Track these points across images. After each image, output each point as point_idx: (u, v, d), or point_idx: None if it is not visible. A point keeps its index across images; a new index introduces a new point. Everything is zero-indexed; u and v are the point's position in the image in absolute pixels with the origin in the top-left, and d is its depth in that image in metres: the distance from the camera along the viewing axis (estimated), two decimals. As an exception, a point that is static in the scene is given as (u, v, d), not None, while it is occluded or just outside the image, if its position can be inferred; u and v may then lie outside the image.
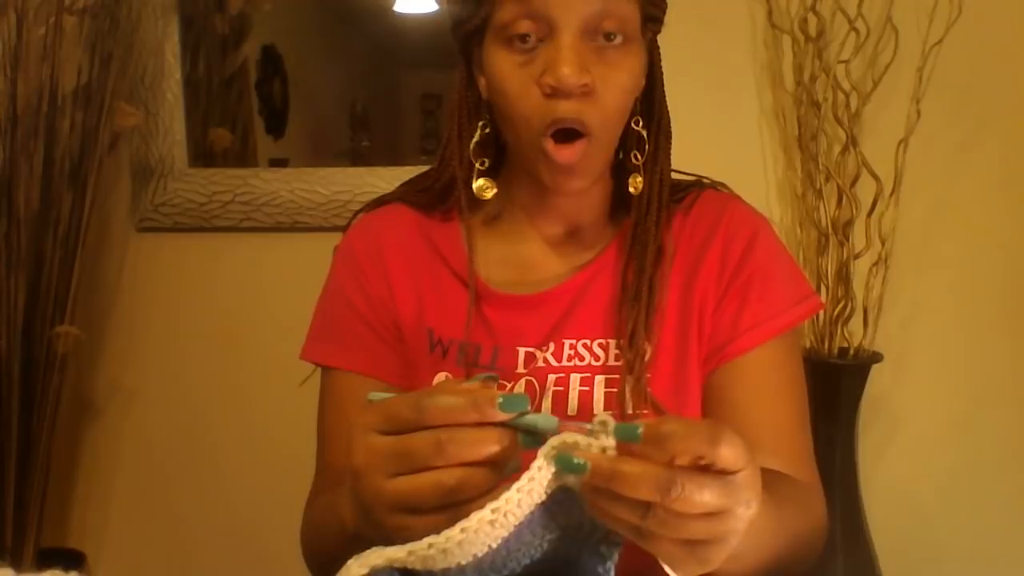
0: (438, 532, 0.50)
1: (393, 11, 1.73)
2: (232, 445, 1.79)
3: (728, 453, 0.48)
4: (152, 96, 1.73)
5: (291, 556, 0.86)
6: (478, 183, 0.84)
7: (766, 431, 0.81)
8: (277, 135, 1.83)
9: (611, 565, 0.53)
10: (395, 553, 0.48)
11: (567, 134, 0.77)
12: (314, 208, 1.71)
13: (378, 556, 0.49)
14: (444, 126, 1.77)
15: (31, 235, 1.60)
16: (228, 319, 1.78)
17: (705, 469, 0.49)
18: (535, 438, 0.51)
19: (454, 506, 0.51)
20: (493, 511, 0.48)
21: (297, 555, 0.84)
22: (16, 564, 0.61)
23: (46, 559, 1.65)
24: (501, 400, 0.51)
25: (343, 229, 0.95)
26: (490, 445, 0.51)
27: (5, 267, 1.58)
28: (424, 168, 0.95)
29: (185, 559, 1.83)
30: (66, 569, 0.50)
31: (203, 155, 1.77)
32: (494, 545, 0.49)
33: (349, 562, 0.49)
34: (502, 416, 0.51)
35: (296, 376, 0.90)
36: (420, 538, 0.50)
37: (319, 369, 0.91)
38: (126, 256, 1.80)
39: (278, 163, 1.81)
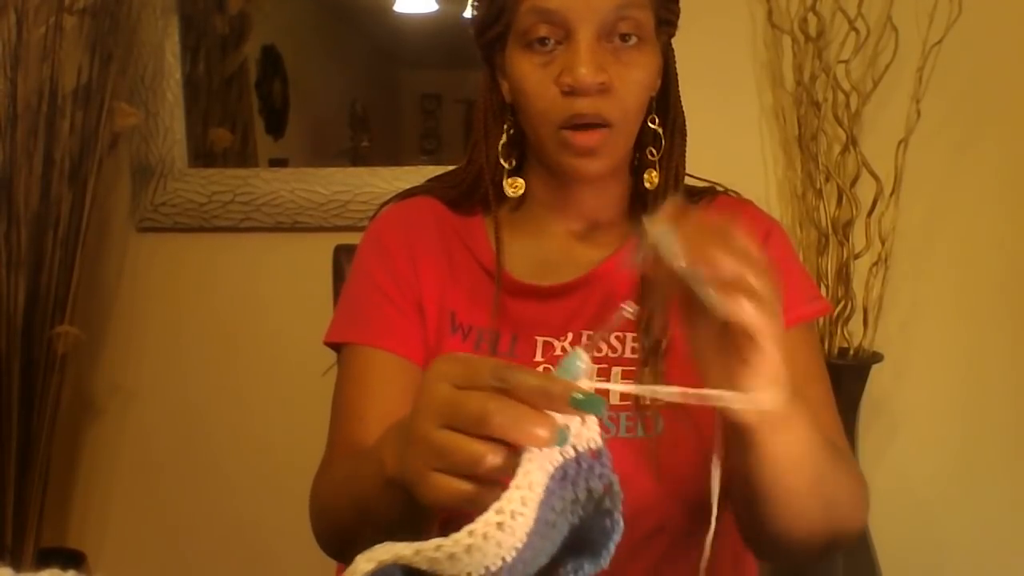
0: (460, 499, 0.50)
1: (393, 11, 1.74)
2: (232, 445, 1.79)
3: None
4: (152, 96, 1.73)
5: (291, 555, 0.86)
6: (508, 181, 0.90)
7: None
8: (277, 135, 1.83)
9: (619, 516, 0.51)
10: (402, 551, 0.48)
11: (587, 127, 0.81)
12: (314, 208, 1.71)
13: (385, 552, 0.48)
14: (444, 127, 1.77)
15: (31, 235, 1.60)
16: (228, 319, 1.78)
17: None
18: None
19: (480, 480, 0.50)
20: (498, 512, 0.47)
21: (297, 554, 0.84)
22: (16, 564, 0.61)
23: (46, 559, 1.65)
24: (577, 398, 0.48)
25: (345, 229, 0.96)
26: (536, 427, 0.48)
27: (5, 267, 1.58)
28: (424, 168, 0.96)
29: (185, 559, 1.83)
30: (65, 568, 0.50)
31: (203, 155, 1.77)
32: (508, 559, 0.48)
33: (357, 558, 0.48)
34: (569, 412, 0.49)
35: (296, 376, 0.91)
36: (443, 499, 0.51)
37: (335, 362, 0.91)
38: (126, 256, 1.80)
39: (278, 163, 1.81)
